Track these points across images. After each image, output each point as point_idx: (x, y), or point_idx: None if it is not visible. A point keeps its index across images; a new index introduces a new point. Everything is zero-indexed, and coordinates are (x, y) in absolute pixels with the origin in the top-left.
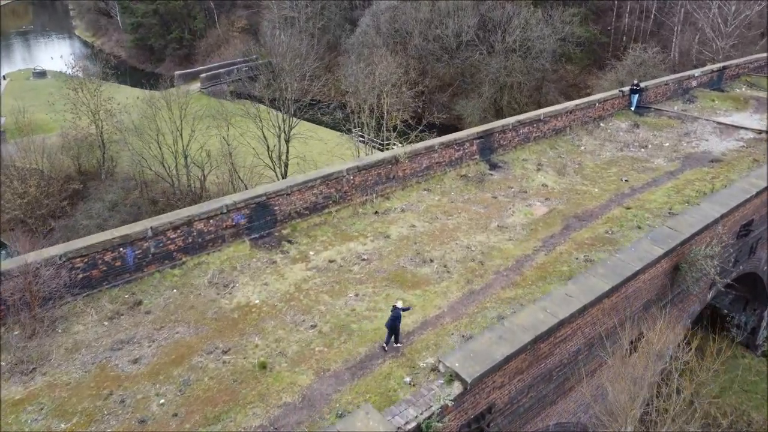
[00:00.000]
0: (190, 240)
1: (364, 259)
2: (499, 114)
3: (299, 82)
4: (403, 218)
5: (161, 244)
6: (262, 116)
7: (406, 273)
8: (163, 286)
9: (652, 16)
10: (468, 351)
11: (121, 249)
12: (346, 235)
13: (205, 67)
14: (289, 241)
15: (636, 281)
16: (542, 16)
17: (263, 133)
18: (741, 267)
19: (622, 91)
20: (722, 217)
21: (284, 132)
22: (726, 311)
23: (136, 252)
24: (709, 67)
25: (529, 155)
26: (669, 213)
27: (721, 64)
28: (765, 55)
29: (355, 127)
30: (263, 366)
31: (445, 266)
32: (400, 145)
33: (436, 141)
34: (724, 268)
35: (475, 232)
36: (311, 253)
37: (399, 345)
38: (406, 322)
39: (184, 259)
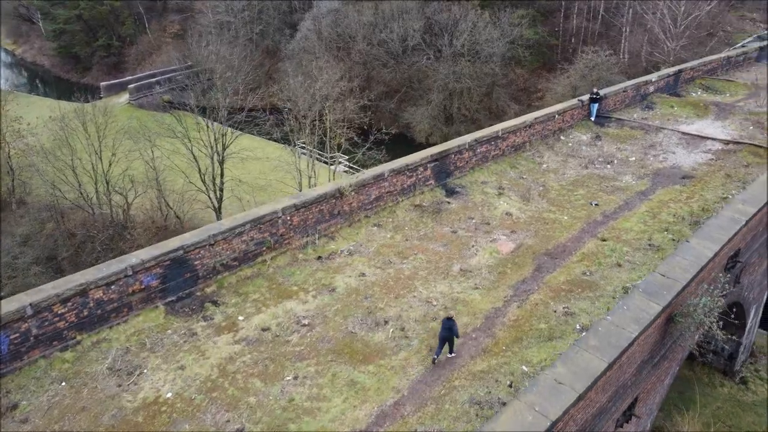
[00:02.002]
0: (86, 313)
1: (304, 325)
2: (449, 121)
3: (232, 97)
4: (351, 264)
5: (46, 323)
6: (192, 135)
7: (355, 342)
8: (49, 377)
9: (600, 17)
10: None
11: None
12: (284, 291)
13: (135, 76)
14: (214, 302)
15: (632, 347)
16: (490, 19)
17: (193, 155)
18: (728, 298)
19: (581, 100)
20: (716, 255)
21: (217, 153)
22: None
23: (12, 336)
24: (665, 71)
25: (489, 177)
26: (649, 245)
27: (677, 68)
28: (718, 57)
29: (297, 141)
30: None
31: (402, 329)
32: (346, 160)
33: (385, 168)
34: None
35: (435, 279)
36: (240, 318)
37: (453, 355)
38: (357, 416)
39: (78, 338)
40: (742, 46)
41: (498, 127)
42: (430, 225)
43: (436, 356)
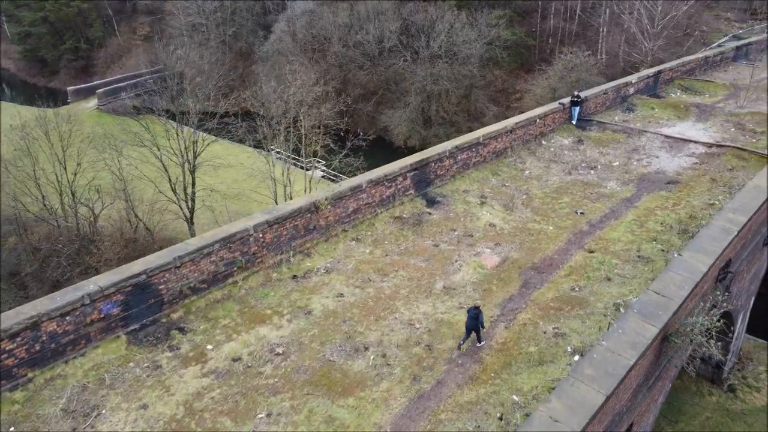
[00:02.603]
0: (38, 348)
1: (278, 354)
2: (428, 124)
3: (203, 103)
4: (328, 283)
5: None
6: (161, 143)
7: (334, 371)
8: None
9: (577, 17)
10: None
11: None
12: (256, 315)
13: (104, 80)
14: (181, 330)
15: (629, 374)
16: (467, 20)
17: (163, 164)
18: (719, 310)
19: (562, 103)
20: (710, 269)
21: (188, 161)
22: None
23: None
24: (645, 72)
25: (470, 185)
26: (638, 257)
27: (656, 69)
28: (696, 57)
29: (271, 149)
30: None
31: (383, 356)
32: (323, 165)
33: (363, 178)
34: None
35: (417, 299)
36: (209, 347)
37: (481, 345)
38: None
39: (29, 375)
40: (719, 46)
41: (479, 133)
42: (411, 238)
43: (461, 342)
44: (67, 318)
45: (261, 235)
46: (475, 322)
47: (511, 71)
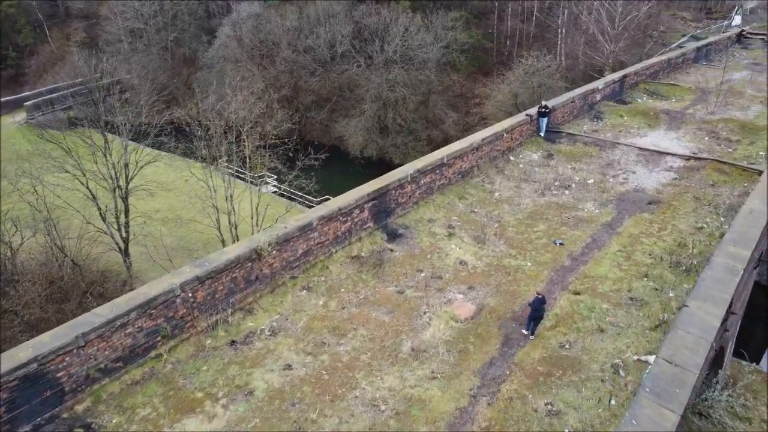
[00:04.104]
0: None
1: None
2: (385, 132)
3: (134, 121)
4: (274, 349)
5: None
6: (88, 167)
7: None
8: None
9: (534, 18)
10: None
11: None
12: (184, 400)
13: (33, 92)
14: (87, 427)
15: None
16: (422, 22)
17: (91, 192)
18: (716, 349)
19: (529, 114)
20: (722, 322)
21: (119, 187)
22: None
23: None
24: (610, 77)
25: (436, 212)
26: (630, 299)
27: (622, 73)
28: (659, 59)
29: (212, 168)
30: None
31: None
32: (274, 180)
33: (312, 215)
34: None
35: (381, 367)
36: None
37: (532, 338)
38: None
39: None
40: (680, 47)
41: (442, 153)
42: (372, 283)
43: (528, 332)
44: None
45: (190, 295)
46: (538, 313)
47: (469, 75)
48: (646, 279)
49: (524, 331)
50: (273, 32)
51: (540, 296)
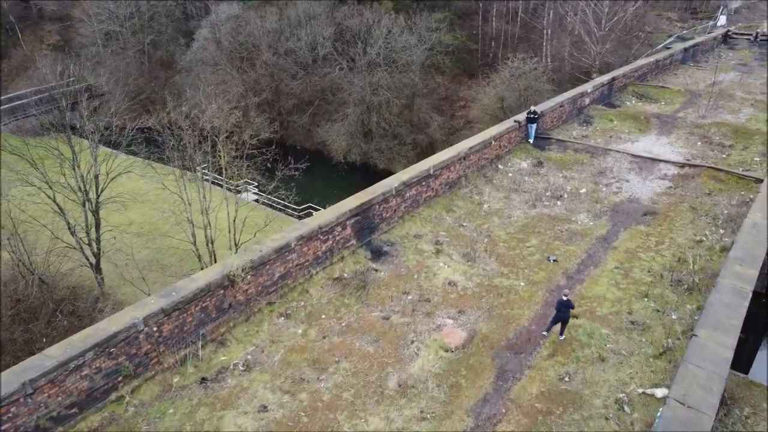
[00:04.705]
0: None
1: None
2: (369, 137)
3: (103, 130)
4: (248, 387)
5: None
6: (55, 179)
7: None
8: None
9: (519, 19)
10: None
11: None
12: None
13: (4, 96)
14: None
15: None
16: (406, 24)
17: (58, 205)
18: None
19: (518, 121)
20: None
21: (89, 200)
22: None
23: None
24: (599, 80)
25: (422, 227)
26: (631, 323)
27: (610, 76)
28: (647, 61)
29: (187, 180)
30: None
31: None
32: (255, 188)
33: (290, 236)
34: None
35: (365, 406)
36: None
37: (563, 338)
38: None
39: None
40: (667, 47)
41: (428, 163)
42: (355, 308)
43: (546, 333)
44: None
45: (155, 329)
46: (566, 313)
47: (453, 77)
48: (646, 299)
49: (544, 332)
50: (253, 34)
51: (566, 298)
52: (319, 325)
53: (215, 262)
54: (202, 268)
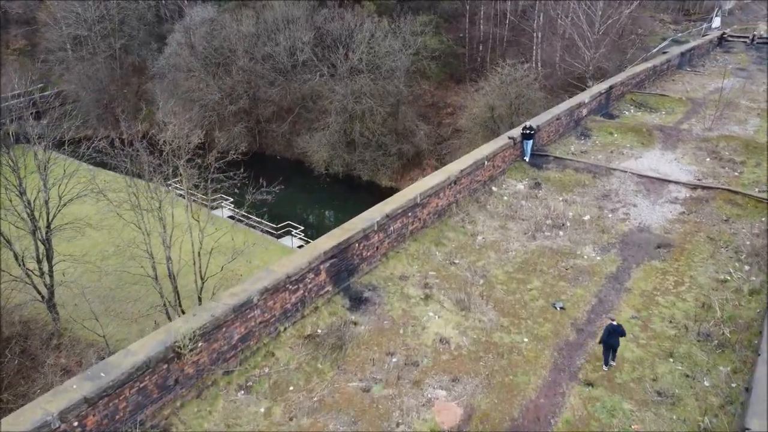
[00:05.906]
0: None
1: None
2: (352, 147)
3: (57, 148)
4: None
5: None
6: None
7: None
8: None
9: (507, 22)
10: None
11: None
12: None
13: None
14: None
15: None
16: (389, 27)
17: (3, 236)
18: None
19: (512, 138)
20: None
21: (39, 229)
22: None
23: None
24: (596, 88)
25: (409, 266)
26: (657, 393)
27: (608, 84)
28: (644, 67)
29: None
30: None
31: None
32: (231, 204)
33: (252, 290)
34: None
35: None
36: None
37: (613, 364)
38: None
39: None
40: (663, 52)
41: (415, 191)
42: (329, 376)
43: (606, 364)
44: None
45: (76, 424)
46: (616, 337)
47: (440, 83)
48: (671, 360)
49: (604, 368)
50: (228, 39)
51: (615, 323)
52: (285, 400)
53: (178, 300)
54: (164, 304)
